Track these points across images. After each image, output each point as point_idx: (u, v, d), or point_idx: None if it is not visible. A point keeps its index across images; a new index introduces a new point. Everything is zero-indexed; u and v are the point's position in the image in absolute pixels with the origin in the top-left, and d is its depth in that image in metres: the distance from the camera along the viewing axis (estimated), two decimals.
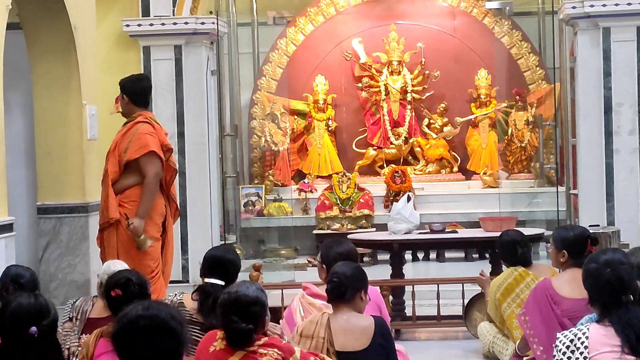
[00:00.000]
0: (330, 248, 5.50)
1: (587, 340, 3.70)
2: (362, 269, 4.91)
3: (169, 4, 10.47)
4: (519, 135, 13.38)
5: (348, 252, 5.46)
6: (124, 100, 7.40)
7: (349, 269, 4.78)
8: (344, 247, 5.51)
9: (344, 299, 4.70)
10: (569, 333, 3.78)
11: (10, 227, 7.43)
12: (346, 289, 4.70)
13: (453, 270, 10.93)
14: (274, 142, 13.53)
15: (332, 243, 5.60)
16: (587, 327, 3.77)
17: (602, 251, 4.10)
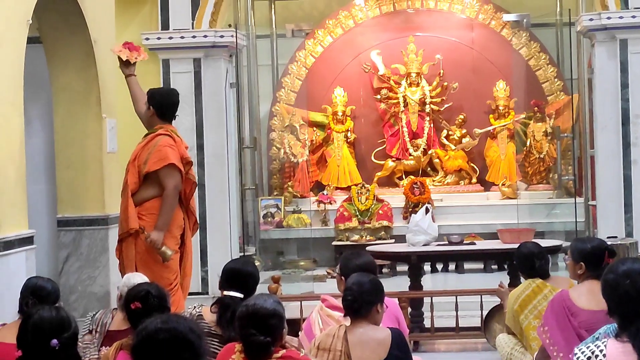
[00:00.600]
0: (349, 260, 5.51)
1: (605, 357, 3.68)
2: (378, 281, 4.91)
3: (188, 17, 10.54)
4: (537, 147, 13.37)
5: (367, 265, 5.46)
6: (148, 111, 7.43)
7: (364, 282, 4.78)
8: (362, 260, 5.52)
9: (359, 314, 4.72)
10: (586, 349, 3.74)
11: (30, 239, 7.47)
12: (360, 304, 4.71)
13: (472, 281, 10.92)
14: (293, 153, 13.56)
15: (351, 255, 5.61)
16: (605, 342, 3.75)
17: (621, 261, 4.05)
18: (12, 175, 7.22)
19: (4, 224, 7.03)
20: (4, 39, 7.11)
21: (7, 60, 7.18)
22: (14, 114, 7.31)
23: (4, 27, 7.12)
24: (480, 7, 13.91)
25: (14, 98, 7.30)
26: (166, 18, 10.58)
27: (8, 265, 7.07)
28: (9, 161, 7.18)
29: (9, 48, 7.22)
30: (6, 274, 6.93)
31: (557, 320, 5.62)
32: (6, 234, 7.06)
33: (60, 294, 5.53)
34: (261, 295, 4.31)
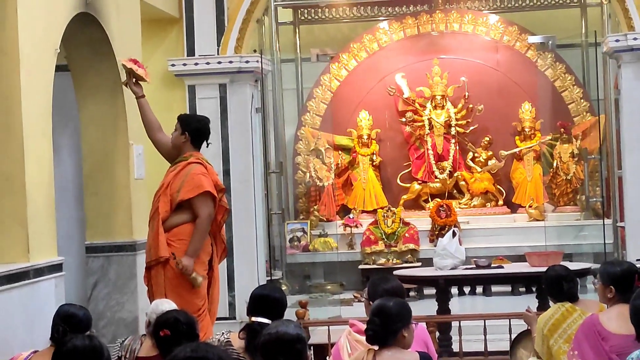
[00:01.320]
0: (377, 285, 5.49)
1: None
2: (402, 303, 4.80)
3: (214, 43, 10.61)
4: (564, 168, 13.33)
5: (395, 289, 5.43)
6: (182, 137, 7.40)
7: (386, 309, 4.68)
8: (390, 284, 5.49)
9: (385, 343, 4.69)
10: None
11: (59, 267, 7.52)
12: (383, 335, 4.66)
13: (500, 304, 10.87)
14: (319, 177, 13.58)
15: (379, 280, 5.59)
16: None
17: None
18: (41, 202, 7.28)
19: (33, 252, 7.08)
20: (32, 68, 7.18)
21: (36, 89, 7.25)
22: (43, 142, 7.38)
23: (32, 56, 7.20)
24: (505, 29, 13.90)
25: (43, 126, 7.36)
26: (192, 44, 10.65)
27: (38, 292, 7.11)
28: (38, 189, 7.24)
29: (37, 77, 7.29)
30: (36, 301, 6.98)
31: (588, 344, 5.59)
32: (36, 261, 7.11)
33: (92, 322, 5.55)
34: (282, 322, 4.29)
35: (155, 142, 7.67)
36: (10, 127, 6.99)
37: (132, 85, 7.67)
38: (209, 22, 10.63)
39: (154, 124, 7.64)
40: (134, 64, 7.63)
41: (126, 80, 7.68)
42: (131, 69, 7.60)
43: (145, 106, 7.66)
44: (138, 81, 7.68)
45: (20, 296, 6.90)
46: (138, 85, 7.68)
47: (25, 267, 6.98)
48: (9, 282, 6.71)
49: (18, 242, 7.02)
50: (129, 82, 7.66)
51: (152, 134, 7.65)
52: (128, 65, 7.61)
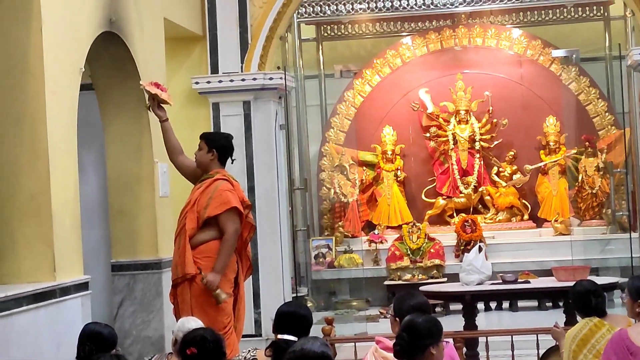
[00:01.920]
0: (403, 301, 5.46)
1: None
2: (432, 320, 4.75)
3: (237, 60, 10.63)
4: (589, 182, 13.27)
5: (421, 305, 5.40)
6: (209, 155, 7.42)
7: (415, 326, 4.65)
8: (416, 300, 5.46)
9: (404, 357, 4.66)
10: None
11: (86, 285, 7.52)
12: (411, 352, 4.63)
13: (526, 319, 10.82)
14: (343, 193, 13.58)
15: (405, 296, 5.56)
16: None
17: None
18: (67, 221, 7.30)
19: (60, 271, 7.09)
20: (57, 88, 7.22)
21: (61, 108, 7.28)
22: (69, 161, 7.41)
23: (58, 75, 7.23)
24: (529, 43, 13.88)
25: (68, 145, 7.39)
26: (215, 62, 10.68)
27: (65, 311, 7.12)
28: (64, 208, 7.26)
29: (63, 96, 7.33)
30: (63, 319, 6.98)
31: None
32: (62, 280, 7.12)
33: (117, 340, 5.56)
34: (307, 339, 4.28)
35: (177, 165, 7.67)
36: (36, 146, 7.02)
37: (155, 109, 7.64)
38: (233, 40, 10.65)
39: (176, 148, 7.64)
40: (156, 88, 7.60)
41: (149, 104, 7.65)
42: (155, 93, 7.57)
43: (168, 130, 7.65)
44: (161, 104, 7.66)
45: (47, 315, 6.91)
46: (161, 109, 7.65)
47: (51, 286, 6.98)
48: (35, 301, 6.72)
49: (44, 261, 7.04)
50: (152, 105, 7.63)
51: (175, 157, 7.66)
52: (152, 90, 7.57)
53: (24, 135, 7.01)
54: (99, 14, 8.02)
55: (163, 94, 7.59)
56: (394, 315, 5.41)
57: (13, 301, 6.46)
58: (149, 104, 7.65)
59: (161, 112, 7.64)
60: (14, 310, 6.44)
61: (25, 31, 7.01)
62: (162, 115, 7.64)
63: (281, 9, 10.69)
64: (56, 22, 7.24)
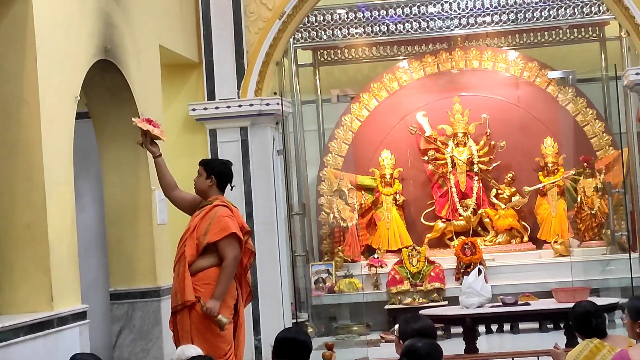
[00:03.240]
0: (408, 324, 5.45)
1: None
2: (433, 345, 4.78)
3: (234, 87, 10.65)
4: (588, 203, 13.28)
5: (425, 329, 5.39)
6: (207, 181, 7.40)
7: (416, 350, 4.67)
8: (421, 324, 5.45)
9: None
10: None
11: (84, 315, 7.50)
12: None
13: (527, 341, 10.78)
14: (342, 218, 13.56)
15: (410, 319, 5.54)
16: None
17: None
18: (65, 250, 7.28)
19: (57, 300, 7.06)
20: (53, 116, 7.22)
21: (57, 137, 7.28)
22: (65, 190, 7.40)
23: (53, 104, 7.23)
24: (525, 65, 13.92)
25: (64, 174, 7.38)
26: (212, 88, 10.70)
27: (63, 340, 7.09)
28: (61, 237, 7.24)
29: (59, 125, 7.32)
30: (61, 349, 6.95)
31: None
32: (60, 310, 7.10)
33: None
34: None
35: (173, 200, 7.64)
36: (32, 175, 7.01)
37: (148, 145, 7.59)
38: (229, 66, 10.67)
39: (170, 183, 7.62)
40: (148, 124, 7.56)
41: (141, 140, 7.61)
42: (147, 130, 7.53)
43: (162, 165, 7.61)
44: (154, 140, 7.63)
45: (45, 345, 6.87)
46: (154, 145, 7.60)
47: (49, 316, 6.96)
48: (33, 331, 6.69)
49: (41, 291, 7.01)
50: (145, 142, 7.59)
51: (170, 192, 7.63)
52: (143, 126, 7.53)
53: (19, 164, 7.00)
54: (94, 42, 8.03)
55: (155, 130, 7.55)
56: (399, 337, 5.40)
57: (10, 332, 6.42)
58: (141, 140, 7.61)
59: (154, 147, 7.60)
60: (11, 341, 6.41)
61: (20, 60, 7.01)
62: (155, 151, 7.60)
63: (277, 35, 10.71)
64: (51, 51, 7.25)
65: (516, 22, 13.74)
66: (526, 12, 13.61)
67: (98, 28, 8.11)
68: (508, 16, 13.67)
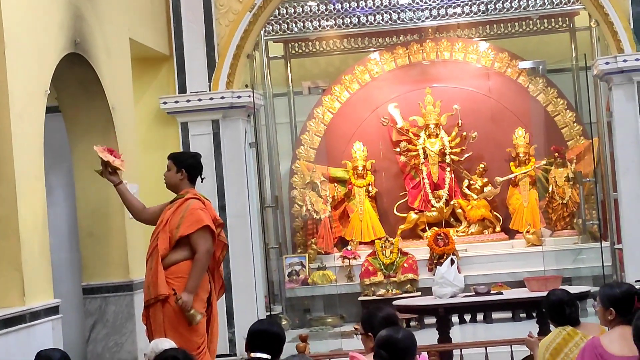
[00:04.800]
0: (372, 316, 5.46)
1: None
2: (411, 335, 4.79)
3: (205, 80, 10.62)
4: (560, 192, 13.36)
5: (391, 317, 5.43)
6: (178, 175, 7.39)
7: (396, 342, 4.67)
8: (385, 313, 5.48)
9: None
10: None
11: (56, 309, 7.47)
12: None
13: (501, 331, 10.85)
14: (315, 210, 13.58)
15: (373, 310, 5.57)
16: None
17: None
18: (36, 245, 7.25)
19: (29, 295, 7.04)
20: (23, 112, 7.18)
21: (27, 132, 7.25)
22: (36, 184, 7.36)
23: (23, 98, 7.20)
24: (496, 56, 13.97)
25: (35, 169, 7.35)
26: (183, 81, 10.66)
27: (35, 335, 7.07)
28: (33, 232, 7.21)
29: (28, 120, 7.29)
30: (34, 344, 6.90)
31: None
32: (32, 305, 7.07)
33: None
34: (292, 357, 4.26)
35: (146, 220, 7.62)
36: (2, 170, 6.97)
37: (107, 175, 7.59)
38: (200, 59, 10.64)
39: (138, 207, 7.60)
40: (109, 154, 7.54)
41: (101, 170, 7.59)
42: (107, 161, 7.51)
43: (124, 192, 7.61)
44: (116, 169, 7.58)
45: (18, 340, 6.85)
46: (114, 174, 7.60)
47: (21, 311, 6.93)
48: (5, 326, 6.67)
49: (13, 286, 6.98)
50: (104, 172, 7.58)
51: (140, 215, 7.63)
52: (104, 157, 7.52)
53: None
54: (64, 35, 7.99)
55: (116, 161, 7.53)
56: (365, 332, 5.40)
57: None
58: (101, 170, 7.59)
59: (113, 177, 7.59)
60: None
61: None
62: (114, 180, 7.60)
63: (248, 27, 10.69)
64: (20, 45, 7.21)
65: (486, 13, 13.79)
66: (496, 3, 13.66)
67: (67, 21, 8.07)
68: (478, 7, 13.72)
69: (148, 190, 9.43)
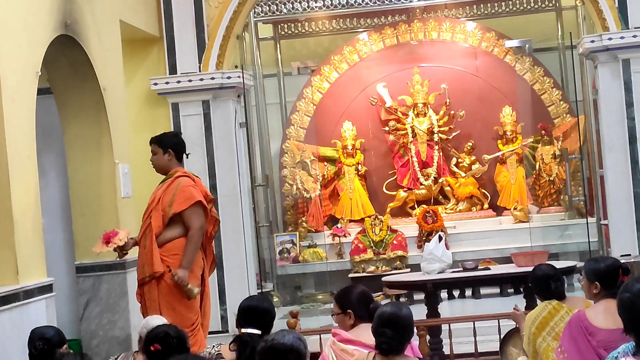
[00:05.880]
0: (349, 294, 5.48)
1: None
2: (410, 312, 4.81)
3: (195, 60, 10.67)
4: (546, 170, 13.45)
5: (365, 293, 5.47)
6: (166, 155, 7.43)
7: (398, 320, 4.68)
8: (360, 289, 5.53)
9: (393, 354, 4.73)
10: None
11: (49, 287, 7.56)
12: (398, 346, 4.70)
13: (488, 306, 10.95)
14: (306, 189, 13.66)
15: (348, 289, 5.60)
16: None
17: (636, 279, 4.02)
18: (29, 225, 7.33)
19: (23, 274, 7.12)
20: (15, 93, 7.24)
21: (19, 114, 7.30)
22: (29, 166, 7.43)
23: (14, 80, 7.25)
24: (483, 35, 14.04)
25: (27, 150, 7.42)
26: (173, 62, 10.72)
27: (29, 314, 7.15)
28: (26, 212, 7.29)
29: (20, 101, 7.35)
30: (28, 322, 6.99)
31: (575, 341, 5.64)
32: (26, 283, 7.16)
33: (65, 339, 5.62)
34: (281, 331, 4.31)
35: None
36: None
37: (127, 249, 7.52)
38: (190, 40, 10.69)
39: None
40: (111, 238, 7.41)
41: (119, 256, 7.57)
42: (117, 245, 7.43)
43: None
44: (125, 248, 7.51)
45: (12, 318, 6.94)
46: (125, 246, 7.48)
47: (15, 289, 7.01)
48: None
49: (7, 265, 7.07)
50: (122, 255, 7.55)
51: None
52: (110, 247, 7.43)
53: None
54: (54, 17, 8.04)
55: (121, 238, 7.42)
56: (342, 311, 5.45)
57: None
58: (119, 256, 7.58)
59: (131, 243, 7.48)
60: None
61: None
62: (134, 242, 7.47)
63: (237, 8, 10.74)
64: (11, 27, 7.27)
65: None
66: None
67: (57, 3, 8.12)
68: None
69: (139, 170, 9.51)
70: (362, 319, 5.27)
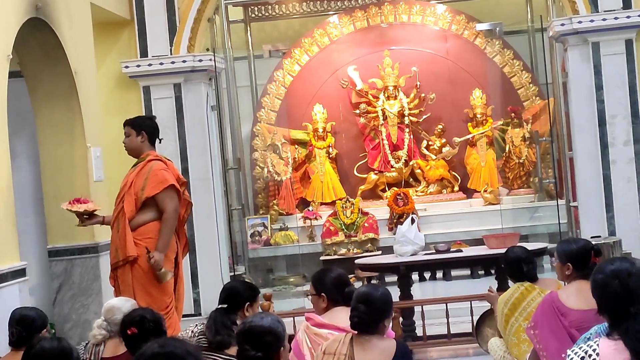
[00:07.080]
0: (324, 276, 5.49)
1: (598, 356, 3.70)
2: (387, 293, 4.86)
3: (166, 43, 10.65)
4: (516, 152, 13.54)
5: (342, 276, 5.48)
6: (139, 138, 7.40)
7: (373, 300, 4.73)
8: (337, 272, 5.54)
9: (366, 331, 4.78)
10: (579, 350, 3.74)
11: (22, 272, 7.54)
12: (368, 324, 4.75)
13: (460, 288, 11.04)
14: (277, 172, 13.67)
15: (324, 271, 5.60)
16: (597, 342, 3.75)
17: (609, 261, 4.04)
18: (1, 209, 7.31)
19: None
20: None
21: None
22: (0, 150, 7.40)
23: None
24: (453, 18, 14.07)
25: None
26: (144, 45, 10.68)
27: (2, 298, 7.14)
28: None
29: None
30: (1, 307, 6.99)
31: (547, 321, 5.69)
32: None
33: (47, 321, 5.60)
34: (260, 314, 4.35)
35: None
36: None
37: (88, 222, 7.55)
38: (161, 23, 10.66)
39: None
40: (78, 204, 7.44)
41: (80, 222, 7.53)
42: (77, 211, 7.44)
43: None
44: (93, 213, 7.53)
45: None
46: (93, 217, 7.54)
47: None
48: None
49: None
50: (85, 221, 7.53)
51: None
52: (76, 209, 7.42)
53: None
54: (25, 0, 7.99)
55: (89, 205, 7.45)
56: (317, 292, 5.47)
57: None
58: (80, 222, 7.54)
59: (94, 219, 7.54)
60: None
61: None
62: (98, 221, 7.57)
63: None
64: None
65: None
66: None
67: None
68: None
69: (111, 153, 9.49)
70: (336, 303, 5.27)
